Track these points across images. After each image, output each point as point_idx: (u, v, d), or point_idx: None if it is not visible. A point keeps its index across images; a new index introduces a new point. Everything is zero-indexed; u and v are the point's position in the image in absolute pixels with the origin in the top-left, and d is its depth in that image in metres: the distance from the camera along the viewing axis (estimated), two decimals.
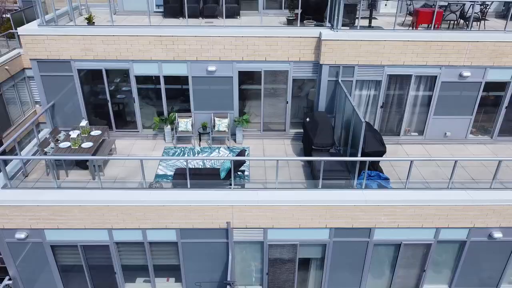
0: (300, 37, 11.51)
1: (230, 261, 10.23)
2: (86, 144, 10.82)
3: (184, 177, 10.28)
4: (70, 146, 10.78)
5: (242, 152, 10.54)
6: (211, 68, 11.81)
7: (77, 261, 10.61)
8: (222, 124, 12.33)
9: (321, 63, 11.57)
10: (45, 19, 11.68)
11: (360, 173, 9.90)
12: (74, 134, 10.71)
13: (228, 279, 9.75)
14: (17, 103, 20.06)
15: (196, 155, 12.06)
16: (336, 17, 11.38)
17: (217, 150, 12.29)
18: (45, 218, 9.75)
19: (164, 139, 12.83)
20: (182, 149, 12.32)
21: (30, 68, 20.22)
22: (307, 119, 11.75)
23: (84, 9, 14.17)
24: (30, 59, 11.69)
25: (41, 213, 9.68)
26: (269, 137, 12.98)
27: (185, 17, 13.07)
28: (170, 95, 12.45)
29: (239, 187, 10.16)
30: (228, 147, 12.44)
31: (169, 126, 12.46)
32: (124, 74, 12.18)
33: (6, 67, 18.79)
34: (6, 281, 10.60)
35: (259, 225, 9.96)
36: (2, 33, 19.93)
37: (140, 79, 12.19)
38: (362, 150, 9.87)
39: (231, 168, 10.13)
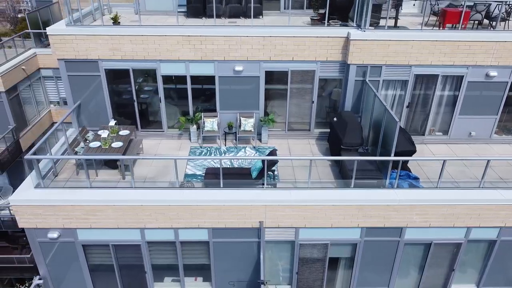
0: (328, 37, 11.53)
1: (262, 260, 10.26)
2: (116, 144, 10.83)
3: (215, 177, 10.33)
4: (100, 146, 10.78)
5: (273, 152, 10.56)
6: (238, 68, 11.83)
7: (107, 260, 10.63)
8: (248, 124, 12.35)
9: (348, 63, 11.59)
10: (70, 19, 11.67)
11: (390, 172, 9.92)
12: (104, 134, 10.73)
13: (262, 278, 9.77)
14: (32, 103, 20.08)
15: (223, 154, 12.07)
16: (364, 17, 11.40)
17: (243, 150, 12.30)
18: (78, 217, 9.77)
19: (190, 139, 12.85)
20: (208, 149, 12.34)
21: (46, 68, 20.48)
22: (334, 119, 11.77)
23: (106, 9, 14.19)
24: (58, 59, 11.68)
25: (75, 213, 9.70)
26: (294, 137, 13.00)
27: (207, 17, 13.15)
28: (195, 95, 12.46)
29: (271, 186, 10.16)
30: (254, 147, 12.45)
31: (194, 126, 12.47)
32: (145, 73, 12.19)
33: (23, 67, 18.85)
34: (37, 281, 10.61)
35: (291, 224, 9.98)
36: (18, 33, 19.92)
37: (167, 79, 12.20)
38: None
39: (263, 168, 10.17)
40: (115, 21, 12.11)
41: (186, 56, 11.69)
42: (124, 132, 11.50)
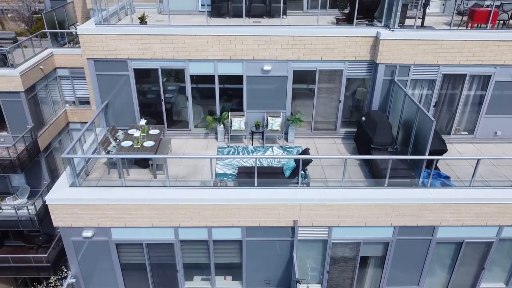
0: (357, 36, 11.57)
1: (295, 259, 10.31)
2: (148, 143, 10.86)
3: (248, 176, 10.37)
4: (132, 145, 10.81)
5: (306, 151, 10.59)
6: (267, 67, 11.87)
7: (139, 259, 10.66)
8: (275, 124, 12.38)
9: (377, 62, 11.63)
10: (100, 18, 11.69)
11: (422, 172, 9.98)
12: (137, 133, 10.75)
13: (297, 276, 9.81)
14: (49, 102, 20.11)
15: (251, 154, 12.11)
16: (393, 16, 11.43)
17: (270, 149, 12.33)
18: (114, 216, 9.80)
19: (216, 138, 12.89)
20: (236, 148, 12.37)
21: (62, 68, 20.50)
22: (363, 118, 11.81)
23: (129, 9, 14.20)
24: (87, 59, 11.70)
25: (110, 212, 9.73)
26: (320, 136, 13.04)
27: (231, 17, 13.16)
28: (222, 94, 12.49)
29: (304, 185, 10.20)
30: (281, 146, 12.49)
31: (222, 125, 12.50)
32: (169, 73, 12.22)
33: (41, 67, 18.87)
34: (69, 280, 10.63)
35: (325, 223, 10.02)
36: (35, 33, 19.94)
37: (194, 79, 12.22)
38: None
39: (296, 167, 10.21)
40: (142, 20, 12.13)
41: (215, 55, 11.72)
42: (154, 132, 11.53)
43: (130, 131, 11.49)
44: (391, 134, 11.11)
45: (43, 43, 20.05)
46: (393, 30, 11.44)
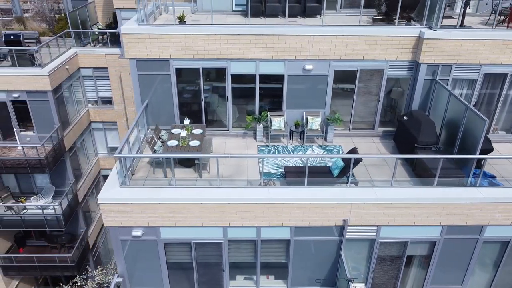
0: (400, 36, 11.59)
1: (344, 258, 10.33)
2: (194, 143, 10.87)
3: (296, 175, 10.39)
4: (178, 145, 10.82)
5: (354, 150, 10.60)
6: (309, 67, 11.88)
7: (186, 258, 10.68)
8: (315, 123, 12.40)
9: (420, 62, 11.65)
10: (142, 17, 11.69)
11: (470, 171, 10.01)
12: (183, 132, 10.76)
13: (348, 275, 9.83)
14: (73, 102, 20.12)
15: (291, 153, 12.12)
16: (436, 16, 11.45)
17: (310, 149, 12.35)
18: (164, 216, 9.81)
19: (254, 138, 12.89)
20: (276, 148, 12.38)
21: (85, 68, 20.52)
22: (405, 118, 11.82)
23: (163, 8, 14.22)
24: (129, 58, 11.70)
25: (161, 211, 9.74)
26: (358, 136, 13.05)
27: (266, 17, 13.15)
28: (262, 94, 12.50)
29: (353, 184, 10.21)
30: (321, 146, 12.50)
31: (261, 125, 12.51)
32: (208, 73, 12.21)
33: (66, 66, 18.88)
34: (116, 279, 10.63)
35: (374, 222, 10.04)
36: (59, 33, 19.93)
37: (235, 78, 12.23)
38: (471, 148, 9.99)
39: (345, 166, 10.23)
40: (181, 20, 12.13)
41: (258, 55, 11.73)
42: (197, 131, 11.54)
43: (173, 131, 11.49)
44: (436, 134, 11.12)
45: (66, 43, 20.07)
46: (435, 30, 11.45)
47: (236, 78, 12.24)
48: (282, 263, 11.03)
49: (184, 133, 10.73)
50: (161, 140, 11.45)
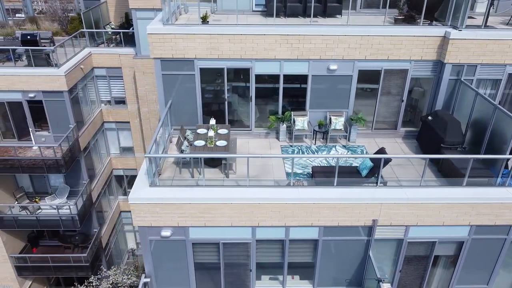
0: (425, 36, 11.59)
1: (373, 258, 10.33)
2: (221, 143, 10.87)
3: (324, 175, 10.39)
4: (206, 144, 10.81)
5: (382, 150, 10.61)
6: (333, 67, 11.88)
7: (213, 258, 10.68)
8: (338, 123, 12.40)
9: (445, 62, 11.65)
10: (167, 15, 11.67)
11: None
12: (210, 132, 10.75)
13: (378, 275, 9.83)
14: (87, 102, 20.11)
15: (315, 153, 12.11)
16: (461, 16, 11.46)
17: (333, 148, 12.35)
18: (194, 216, 9.80)
19: (277, 138, 12.89)
20: (299, 148, 12.38)
21: (99, 67, 20.51)
22: (429, 118, 11.83)
23: (183, 8, 14.20)
24: (154, 58, 11.69)
25: (191, 211, 9.74)
26: (380, 136, 13.05)
27: (286, 16, 13.12)
28: (285, 94, 12.50)
29: (382, 184, 10.21)
30: (344, 146, 12.50)
31: (284, 125, 12.51)
32: (232, 72, 12.20)
33: (81, 66, 18.87)
34: (144, 279, 10.62)
35: (403, 222, 10.04)
36: (72, 33, 19.92)
37: (259, 78, 12.23)
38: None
39: (373, 166, 10.23)
40: (204, 20, 12.12)
41: (282, 55, 11.73)
42: (222, 131, 11.54)
43: (199, 131, 11.49)
44: (462, 133, 11.13)
45: (80, 43, 20.06)
46: (460, 30, 11.46)
47: (259, 78, 12.23)
48: (308, 263, 11.03)
49: (211, 133, 10.72)
50: (187, 140, 11.44)
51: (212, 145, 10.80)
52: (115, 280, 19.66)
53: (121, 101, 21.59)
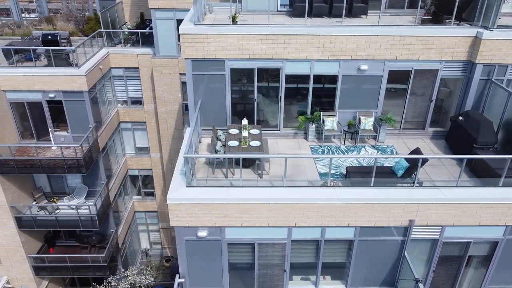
0: (456, 36, 11.59)
1: (409, 259, 10.34)
2: (254, 143, 10.88)
3: (358, 175, 10.39)
4: (239, 145, 10.81)
5: (418, 150, 10.61)
6: (364, 67, 11.89)
7: (248, 259, 10.67)
8: (368, 123, 12.40)
9: (476, 62, 11.66)
10: (198, 15, 11.66)
11: None
12: (245, 133, 10.76)
13: (416, 276, 9.84)
14: (105, 102, 20.11)
15: (346, 153, 12.12)
16: (492, 17, 11.47)
17: (363, 149, 12.35)
18: (231, 216, 9.80)
19: (305, 138, 12.89)
20: (329, 148, 12.39)
21: (116, 67, 20.50)
22: (460, 118, 11.84)
23: (207, 9, 14.19)
24: (186, 58, 11.68)
25: (229, 211, 9.73)
26: (408, 136, 13.06)
27: (311, 17, 13.11)
28: (314, 94, 12.50)
29: (418, 185, 10.21)
30: (373, 146, 12.50)
31: (314, 125, 12.51)
32: (262, 73, 12.18)
33: (100, 66, 18.87)
34: (178, 279, 10.61)
35: (440, 223, 10.05)
36: (92, 33, 19.91)
37: (289, 78, 12.23)
38: None
39: (409, 167, 10.24)
40: (233, 20, 12.11)
41: (314, 55, 11.73)
42: (254, 131, 11.54)
43: (231, 131, 11.49)
44: (494, 133, 11.14)
45: (98, 43, 20.05)
46: (492, 30, 11.47)
47: (289, 78, 12.24)
48: (340, 263, 11.04)
49: (246, 133, 10.72)
50: (219, 140, 11.44)
51: (246, 146, 10.80)
52: (133, 280, 19.67)
53: (137, 101, 21.58)
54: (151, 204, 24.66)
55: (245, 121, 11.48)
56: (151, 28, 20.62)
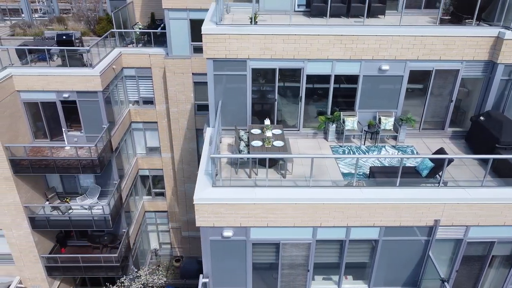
0: (478, 36, 11.60)
1: (433, 259, 10.35)
2: (278, 143, 10.88)
3: (382, 175, 10.40)
4: (263, 145, 10.82)
5: (442, 150, 10.62)
6: (385, 67, 11.89)
7: (271, 259, 10.68)
8: (388, 123, 12.41)
9: (498, 62, 11.67)
10: (219, 14, 11.66)
11: None
12: (268, 133, 10.76)
13: (441, 276, 9.85)
14: (118, 102, 20.11)
15: (367, 153, 12.13)
16: None
17: (383, 149, 12.36)
18: (257, 216, 9.80)
19: (325, 138, 12.90)
20: (349, 148, 12.39)
21: (128, 68, 20.50)
22: (481, 118, 11.85)
23: (225, 9, 14.19)
24: (207, 58, 11.68)
25: (255, 211, 9.74)
26: (428, 136, 13.07)
27: (330, 17, 13.09)
28: (334, 94, 12.51)
29: (443, 185, 10.22)
30: (394, 146, 12.51)
31: (334, 125, 12.52)
32: (283, 73, 12.18)
33: (113, 66, 18.86)
34: (202, 279, 10.62)
35: (465, 222, 10.06)
36: (105, 33, 19.90)
37: (310, 78, 12.24)
38: None
39: (434, 167, 10.25)
40: (254, 20, 12.10)
41: (335, 55, 11.73)
42: (276, 131, 11.55)
43: (253, 131, 11.49)
44: None
45: (111, 43, 20.05)
46: None
47: (310, 78, 12.24)
48: (362, 263, 11.06)
49: (269, 133, 10.73)
50: (242, 140, 11.44)
51: (270, 146, 10.80)
52: (146, 280, 19.68)
53: (149, 101, 21.60)
54: (161, 204, 24.68)
55: (267, 121, 11.49)
56: (162, 28, 20.66)
